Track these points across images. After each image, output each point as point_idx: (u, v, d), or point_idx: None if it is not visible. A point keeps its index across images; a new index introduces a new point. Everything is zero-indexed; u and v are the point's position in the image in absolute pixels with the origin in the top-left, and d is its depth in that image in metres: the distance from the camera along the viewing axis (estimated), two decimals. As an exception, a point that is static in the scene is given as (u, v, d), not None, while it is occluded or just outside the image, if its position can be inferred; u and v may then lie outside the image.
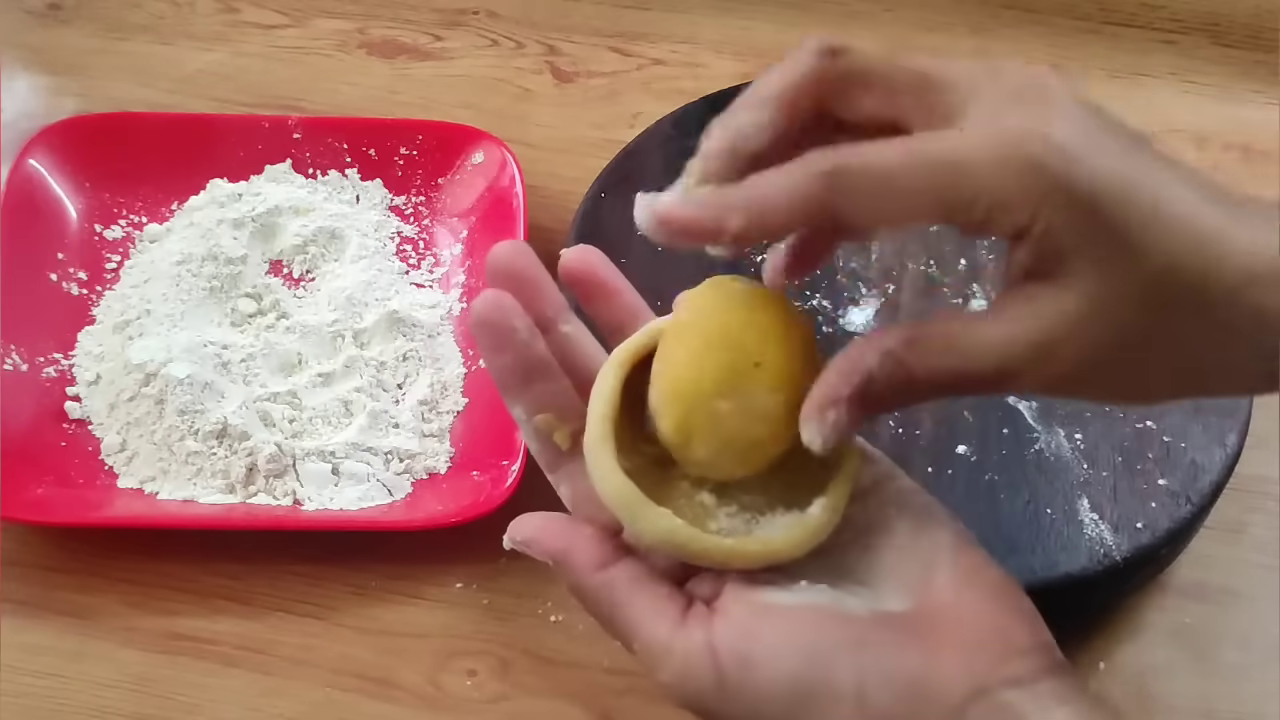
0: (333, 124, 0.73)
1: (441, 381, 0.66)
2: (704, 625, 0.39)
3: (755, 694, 0.38)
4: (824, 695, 0.38)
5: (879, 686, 0.38)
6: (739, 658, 0.38)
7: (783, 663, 0.38)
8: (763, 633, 0.39)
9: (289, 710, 0.57)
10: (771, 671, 0.38)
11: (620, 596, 0.40)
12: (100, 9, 0.82)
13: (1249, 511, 0.64)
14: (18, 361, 0.64)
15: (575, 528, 0.42)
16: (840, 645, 0.38)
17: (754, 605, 0.39)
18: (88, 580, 0.59)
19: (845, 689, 0.38)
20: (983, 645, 0.38)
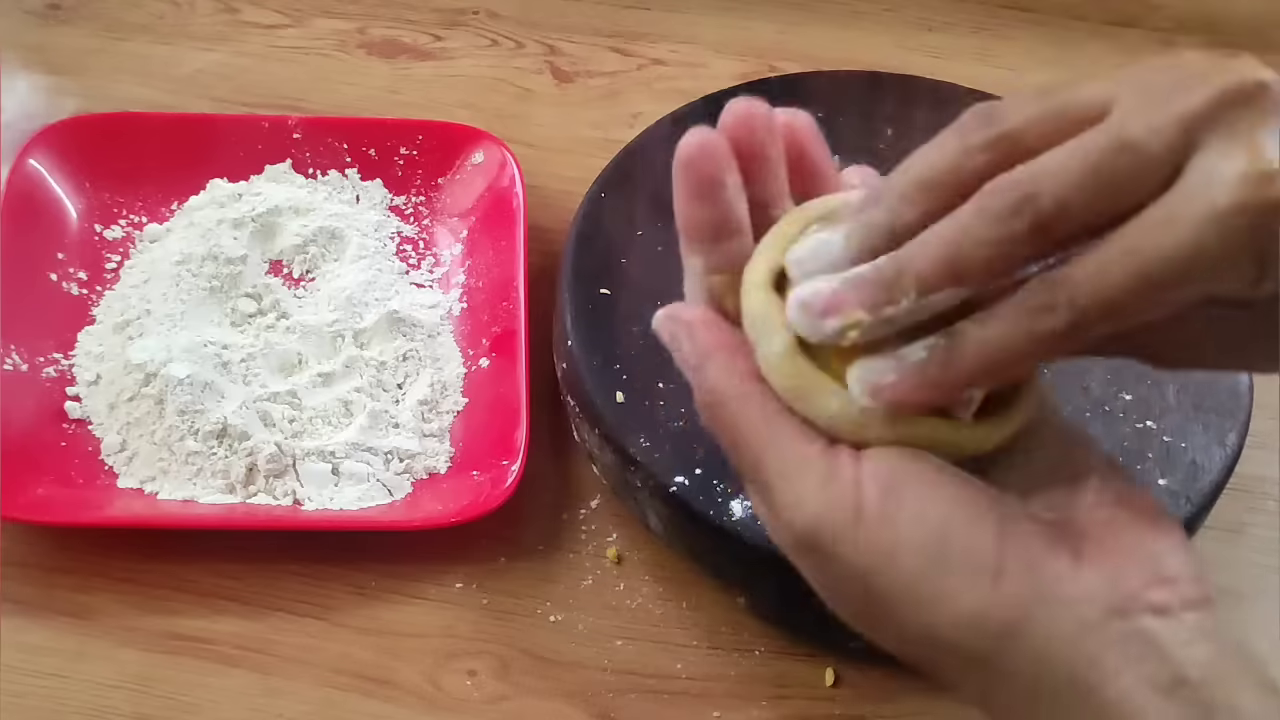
0: (333, 124, 0.73)
1: (441, 381, 0.66)
2: (852, 456, 0.37)
3: (894, 534, 0.36)
4: (964, 557, 0.36)
5: (1021, 570, 0.36)
6: (886, 490, 0.36)
7: (932, 509, 0.36)
8: (915, 477, 0.36)
9: (289, 710, 0.57)
10: (917, 514, 0.36)
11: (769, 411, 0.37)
12: (100, 9, 0.82)
13: (1249, 511, 0.64)
14: (18, 361, 0.64)
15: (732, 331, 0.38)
16: (991, 516, 0.36)
17: (911, 456, 0.37)
18: (88, 580, 0.59)
19: (986, 559, 0.36)
20: (1129, 565, 0.36)
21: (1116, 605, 0.36)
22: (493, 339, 0.67)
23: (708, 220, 0.39)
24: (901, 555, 0.36)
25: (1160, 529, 0.38)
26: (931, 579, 0.36)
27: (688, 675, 0.58)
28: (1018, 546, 0.36)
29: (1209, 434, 0.61)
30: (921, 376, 0.36)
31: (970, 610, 0.36)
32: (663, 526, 0.60)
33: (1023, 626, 0.36)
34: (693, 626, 0.60)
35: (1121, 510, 0.38)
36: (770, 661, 0.59)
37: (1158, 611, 0.36)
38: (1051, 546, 0.37)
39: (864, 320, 0.36)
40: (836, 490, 0.36)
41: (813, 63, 0.78)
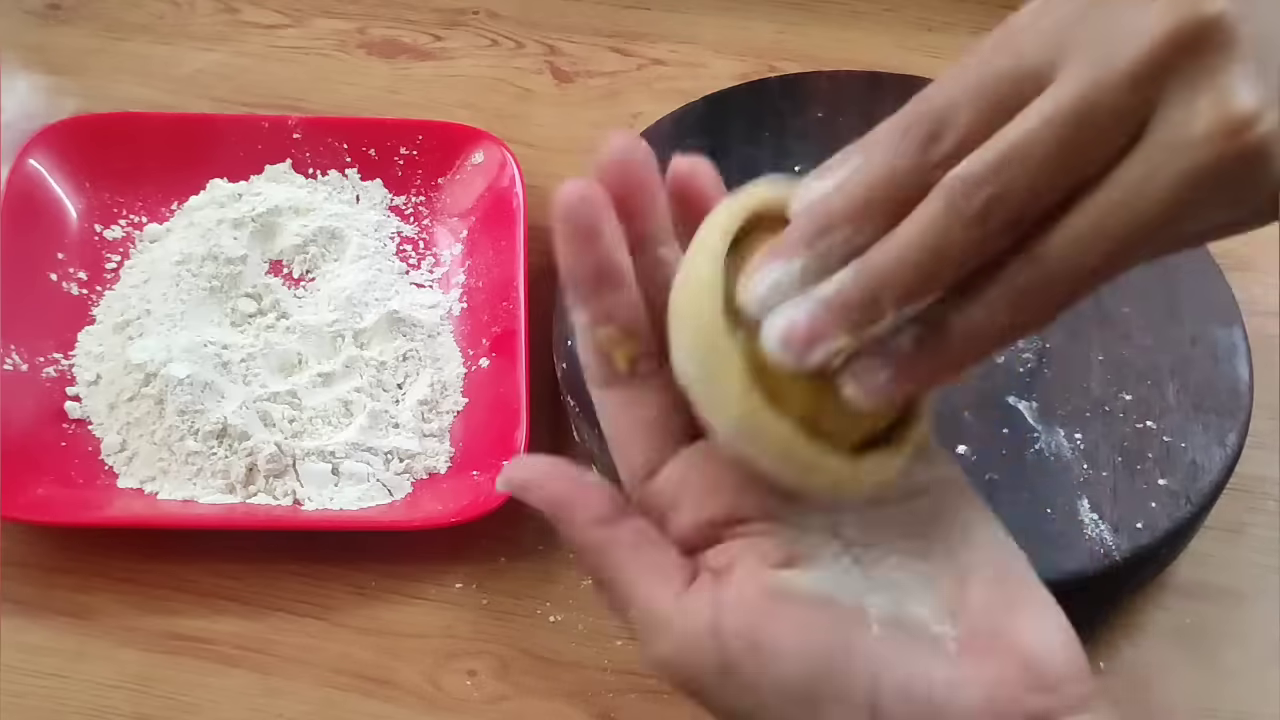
0: (333, 124, 0.73)
1: (441, 381, 0.66)
2: (711, 600, 0.36)
3: (759, 685, 0.35)
4: (835, 699, 0.35)
5: (895, 702, 0.35)
6: (747, 642, 0.35)
7: (794, 657, 0.35)
8: (776, 620, 0.36)
9: (289, 710, 0.57)
10: (781, 664, 0.35)
11: (622, 557, 0.37)
12: (100, 9, 0.82)
13: (1249, 511, 0.64)
14: (18, 361, 0.64)
15: (579, 476, 0.38)
16: (859, 649, 0.35)
17: (769, 588, 0.36)
18: (88, 580, 0.59)
19: (859, 697, 0.35)
20: (1012, 673, 0.36)
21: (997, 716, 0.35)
22: (493, 339, 0.67)
23: (588, 268, 0.38)
24: (772, 702, 0.35)
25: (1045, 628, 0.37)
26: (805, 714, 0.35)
27: (688, 675, 0.58)
28: (892, 676, 0.35)
29: (1209, 434, 0.61)
30: (914, 369, 0.35)
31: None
32: (663, 526, 0.60)
33: None
34: (693, 626, 0.60)
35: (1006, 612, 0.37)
36: (770, 661, 0.59)
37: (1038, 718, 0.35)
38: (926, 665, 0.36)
39: (848, 345, 0.35)
40: (698, 646, 0.36)
41: (813, 63, 0.78)
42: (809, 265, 0.35)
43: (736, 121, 0.72)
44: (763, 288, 0.35)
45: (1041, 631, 0.37)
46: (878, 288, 0.34)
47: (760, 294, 0.35)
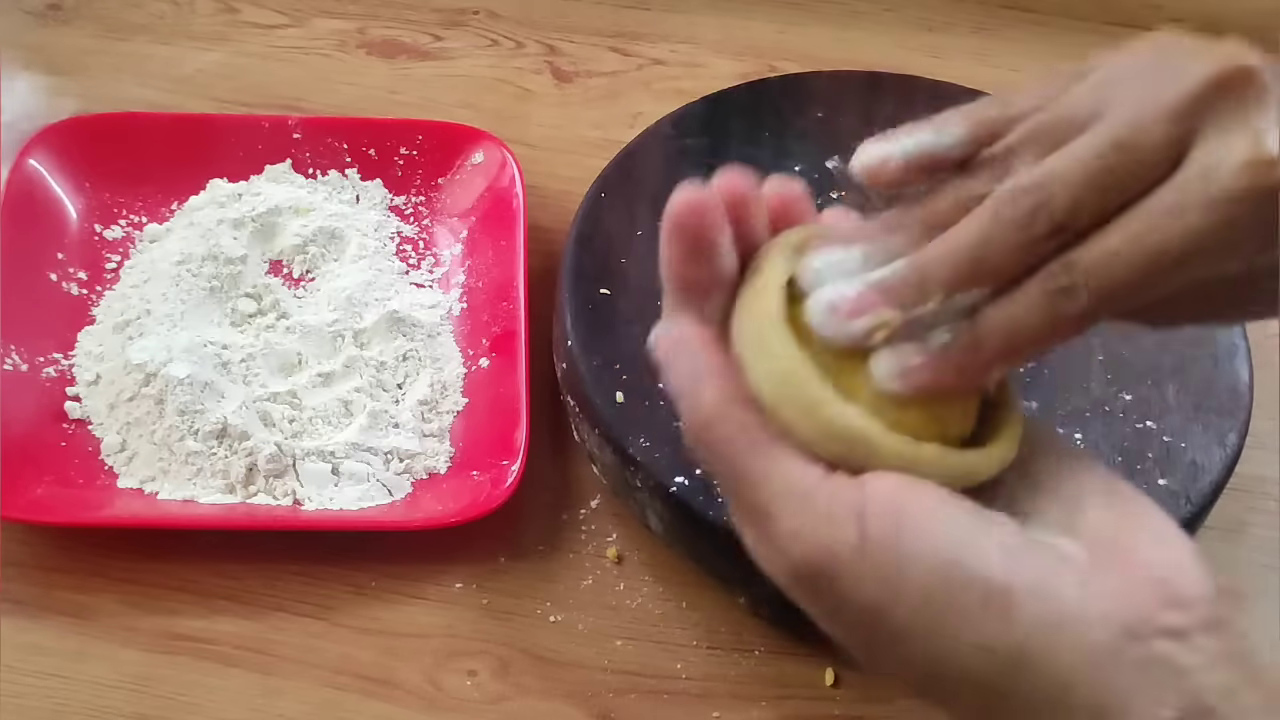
0: (333, 124, 0.73)
1: (441, 381, 0.66)
2: (855, 483, 0.36)
3: (899, 566, 0.35)
4: (972, 587, 0.35)
5: (1029, 597, 0.35)
6: (890, 517, 0.35)
7: (937, 539, 0.35)
8: (918, 505, 0.35)
9: (289, 710, 0.57)
10: (922, 545, 0.35)
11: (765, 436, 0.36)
12: (100, 9, 0.82)
13: (1249, 511, 0.64)
14: (18, 361, 0.64)
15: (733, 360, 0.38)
16: (996, 543, 0.35)
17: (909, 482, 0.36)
18: (88, 580, 0.59)
19: (994, 587, 0.35)
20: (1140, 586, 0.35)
21: (1129, 628, 0.35)
22: (493, 339, 0.67)
23: (702, 279, 0.38)
24: (907, 587, 0.35)
25: (1168, 544, 0.37)
26: (939, 610, 0.35)
27: (688, 675, 0.58)
28: (1025, 572, 0.35)
29: (1209, 434, 0.61)
30: (948, 359, 0.37)
31: (979, 640, 0.35)
32: (663, 526, 0.60)
33: (1033, 653, 0.35)
34: (693, 626, 0.60)
35: (1129, 532, 0.37)
36: (770, 661, 0.59)
37: (1172, 635, 0.35)
38: (1059, 570, 0.36)
39: (893, 320, 0.36)
40: (839, 521, 0.35)
41: (813, 63, 0.78)
42: (867, 253, 0.38)
43: (736, 121, 0.72)
44: (818, 262, 0.38)
45: (1168, 550, 0.37)
46: (925, 274, 0.36)
47: (815, 268, 0.38)
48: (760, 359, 0.37)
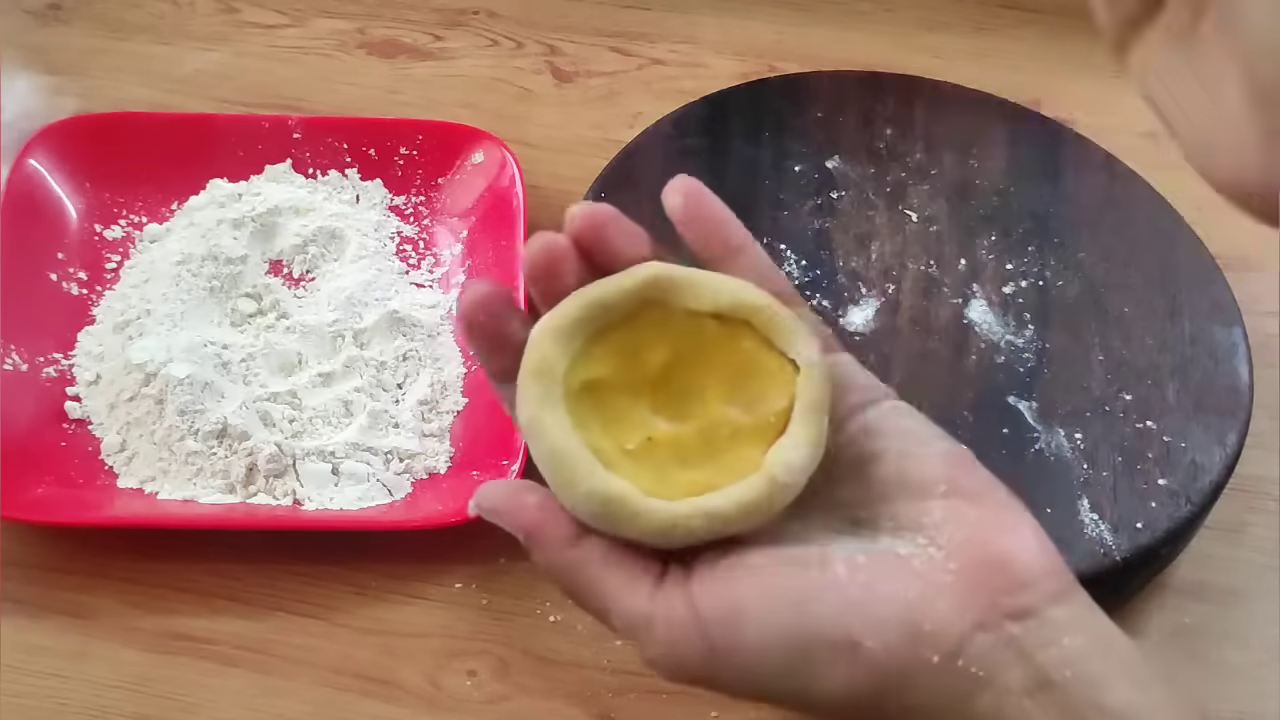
0: (333, 124, 0.73)
1: (441, 381, 0.66)
2: (682, 590, 0.37)
3: (746, 656, 0.37)
4: (818, 649, 0.36)
5: (873, 634, 0.36)
6: (724, 619, 0.37)
7: (771, 619, 0.37)
8: (746, 590, 0.37)
9: (289, 710, 0.57)
10: (760, 630, 0.37)
11: (593, 571, 0.38)
12: (100, 9, 0.82)
13: (1249, 511, 0.64)
14: (18, 361, 0.64)
15: (547, 500, 0.39)
16: (828, 595, 0.37)
17: (733, 564, 0.37)
18: (88, 580, 0.59)
19: (839, 640, 0.36)
20: (982, 578, 0.37)
21: (976, 621, 0.36)
22: (493, 339, 0.67)
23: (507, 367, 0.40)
24: (762, 669, 0.37)
25: (1009, 529, 0.38)
26: (796, 677, 0.37)
27: (688, 675, 0.58)
28: (866, 610, 0.36)
29: (1209, 434, 0.61)
30: None
31: (841, 686, 0.36)
32: (663, 526, 0.60)
33: (892, 679, 0.36)
34: (693, 626, 0.60)
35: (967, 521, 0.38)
36: (770, 661, 0.59)
37: (1018, 616, 0.36)
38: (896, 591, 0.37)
39: None
40: (681, 635, 0.37)
41: (813, 63, 0.78)
42: None
43: (736, 121, 0.72)
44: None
45: (1007, 533, 0.38)
46: None
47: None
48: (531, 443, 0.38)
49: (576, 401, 0.38)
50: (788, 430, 0.39)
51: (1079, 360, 0.64)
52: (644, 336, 0.39)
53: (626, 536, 0.38)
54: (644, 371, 0.39)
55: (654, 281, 0.39)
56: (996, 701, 0.36)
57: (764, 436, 0.39)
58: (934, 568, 0.37)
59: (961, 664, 0.36)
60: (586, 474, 0.37)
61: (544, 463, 0.38)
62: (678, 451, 0.39)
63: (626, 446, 0.39)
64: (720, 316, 0.39)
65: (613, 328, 0.39)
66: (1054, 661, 0.36)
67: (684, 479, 0.38)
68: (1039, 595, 0.37)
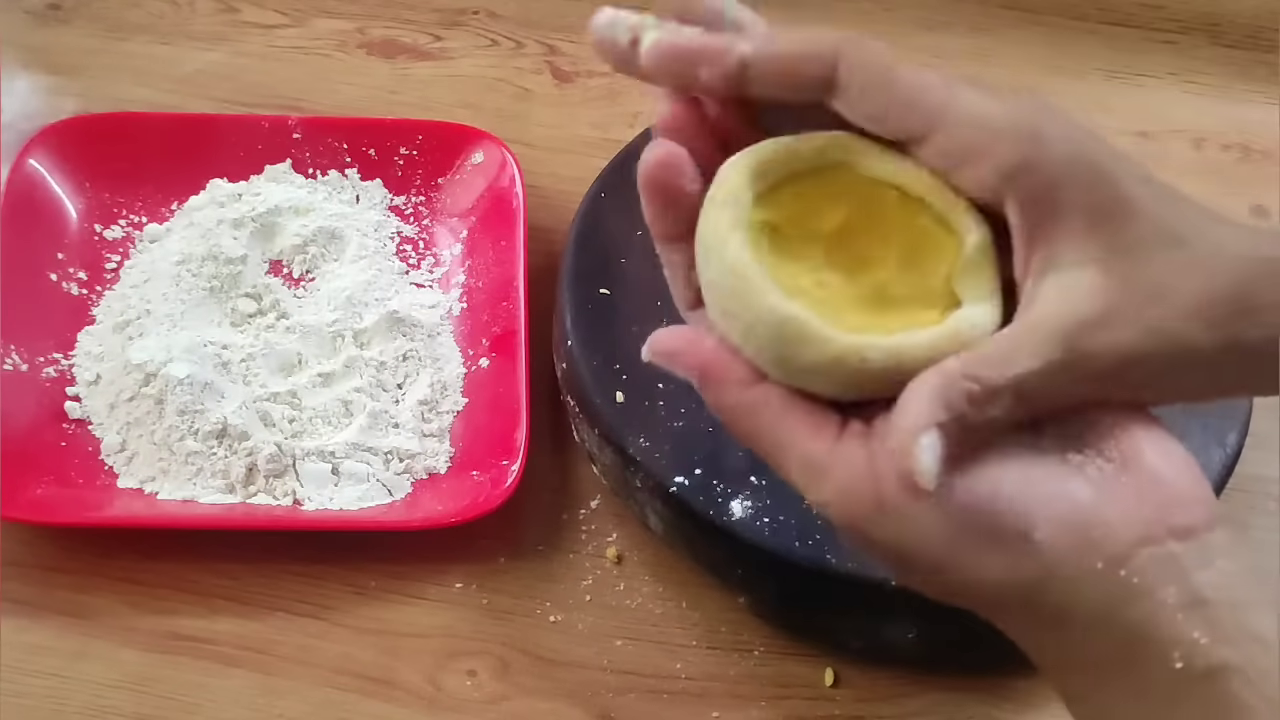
0: (333, 124, 0.73)
1: (441, 381, 0.66)
2: (864, 445, 0.38)
3: (915, 520, 0.37)
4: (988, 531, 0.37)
5: (1045, 522, 0.37)
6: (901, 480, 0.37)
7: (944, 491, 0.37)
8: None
9: (289, 710, 0.57)
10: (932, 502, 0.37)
11: (773, 412, 0.38)
12: (100, 9, 0.82)
13: (1249, 511, 0.64)
14: (18, 361, 0.64)
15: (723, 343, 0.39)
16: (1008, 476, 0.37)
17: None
18: (88, 580, 0.59)
19: (1010, 527, 0.37)
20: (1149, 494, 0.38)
21: (1142, 535, 0.37)
22: (493, 339, 0.67)
23: (682, 226, 0.40)
24: (928, 533, 0.37)
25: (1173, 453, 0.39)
26: (961, 548, 0.37)
27: (687, 675, 0.58)
28: (1042, 500, 0.37)
29: (1209, 434, 0.61)
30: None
31: (1003, 570, 0.37)
32: (663, 526, 0.60)
33: (1055, 572, 0.37)
34: (692, 626, 0.60)
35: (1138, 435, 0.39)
36: (770, 661, 0.59)
37: (1180, 535, 0.37)
38: (1073, 489, 0.38)
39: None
40: (855, 487, 0.37)
41: (813, 63, 0.78)
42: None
43: (736, 121, 0.72)
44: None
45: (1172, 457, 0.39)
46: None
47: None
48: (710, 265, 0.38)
49: (754, 238, 0.38)
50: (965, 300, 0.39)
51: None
52: (826, 193, 0.40)
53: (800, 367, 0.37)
54: (822, 225, 0.40)
55: (844, 143, 0.40)
56: (1151, 612, 0.37)
57: (936, 304, 0.39)
58: (1105, 477, 0.38)
59: (1124, 574, 0.37)
60: (766, 292, 0.37)
61: (721, 283, 0.38)
62: (851, 299, 0.39)
63: (800, 283, 0.39)
64: (901, 189, 0.40)
65: (797, 178, 0.40)
66: (1208, 582, 0.37)
67: (858, 321, 0.38)
68: (1198, 518, 0.38)
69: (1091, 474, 0.38)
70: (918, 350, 0.37)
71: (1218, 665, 0.36)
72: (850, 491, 0.37)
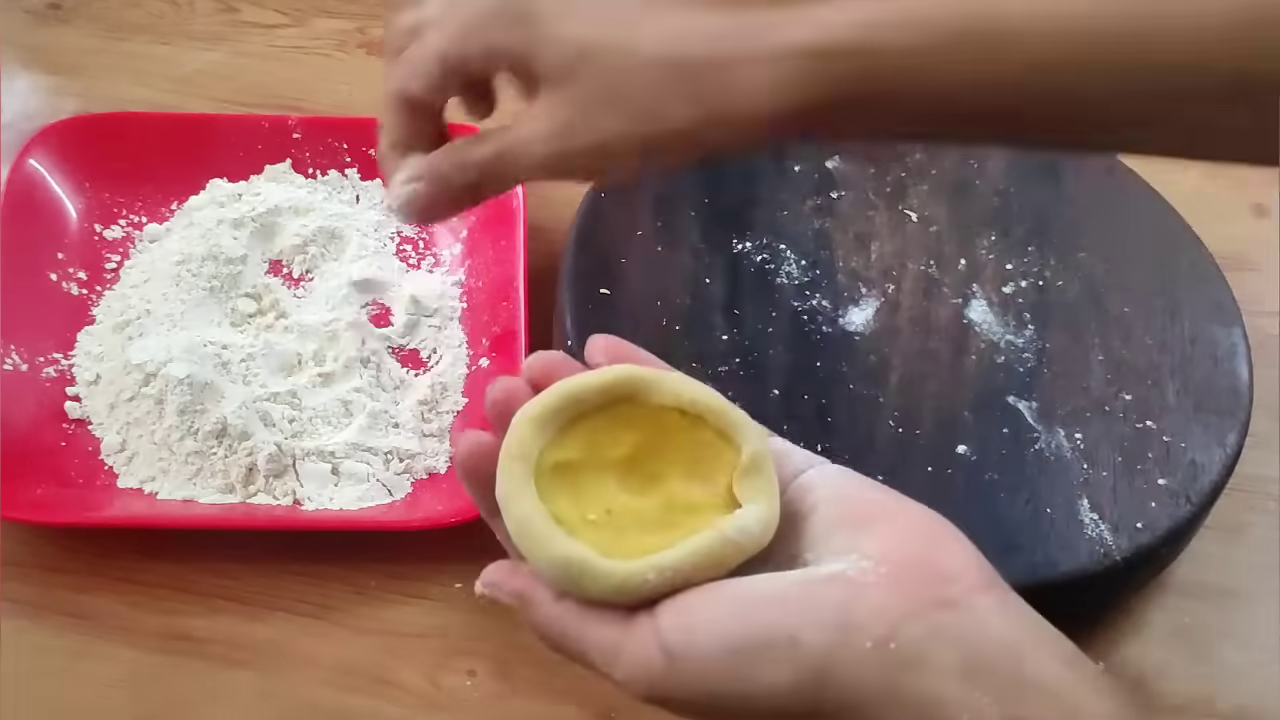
0: (333, 124, 0.73)
1: (441, 381, 0.66)
2: (648, 617, 0.41)
3: (700, 663, 0.40)
4: (760, 647, 0.39)
5: (808, 627, 0.39)
6: (680, 627, 0.40)
7: (718, 626, 0.40)
8: (700, 606, 0.41)
9: (289, 710, 0.56)
10: (709, 637, 0.40)
11: (574, 621, 0.42)
12: (100, 9, 0.82)
13: (1249, 511, 0.65)
14: (18, 361, 0.64)
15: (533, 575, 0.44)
16: (768, 600, 0.40)
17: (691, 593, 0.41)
18: (88, 580, 0.59)
19: (778, 637, 0.39)
20: (909, 576, 0.40)
21: (907, 611, 0.39)
22: (493, 339, 0.67)
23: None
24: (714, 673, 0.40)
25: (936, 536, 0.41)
26: (744, 678, 0.40)
27: (688, 675, 0.58)
28: (802, 608, 0.40)
29: (1209, 434, 0.61)
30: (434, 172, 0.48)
31: (784, 683, 0.39)
32: (663, 526, 0.60)
33: (831, 672, 0.39)
34: (693, 626, 0.60)
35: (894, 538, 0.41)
36: (770, 661, 0.59)
37: (947, 605, 0.39)
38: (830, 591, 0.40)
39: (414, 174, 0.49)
40: (646, 654, 0.41)
41: (813, 63, 0.78)
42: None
43: (736, 121, 0.72)
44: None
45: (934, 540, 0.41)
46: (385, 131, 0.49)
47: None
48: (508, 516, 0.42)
49: (549, 479, 0.43)
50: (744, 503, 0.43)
51: (1079, 360, 0.64)
52: (614, 425, 0.44)
53: (590, 596, 0.42)
54: (611, 455, 0.44)
55: (625, 379, 0.44)
56: (932, 682, 0.38)
57: (719, 510, 0.43)
58: (866, 573, 0.40)
59: (894, 648, 0.38)
60: (548, 539, 0.41)
61: (514, 533, 0.42)
62: (638, 521, 0.43)
63: (589, 516, 0.43)
64: (682, 411, 0.44)
65: (585, 416, 0.44)
66: (982, 643, 0.38)
67: (642, 543, 0.42)
68: (964, 587, 0.39)
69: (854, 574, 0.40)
70: (695, 559, 0.41)
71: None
72: (641, 659, 0.41)
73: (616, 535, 0.43)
